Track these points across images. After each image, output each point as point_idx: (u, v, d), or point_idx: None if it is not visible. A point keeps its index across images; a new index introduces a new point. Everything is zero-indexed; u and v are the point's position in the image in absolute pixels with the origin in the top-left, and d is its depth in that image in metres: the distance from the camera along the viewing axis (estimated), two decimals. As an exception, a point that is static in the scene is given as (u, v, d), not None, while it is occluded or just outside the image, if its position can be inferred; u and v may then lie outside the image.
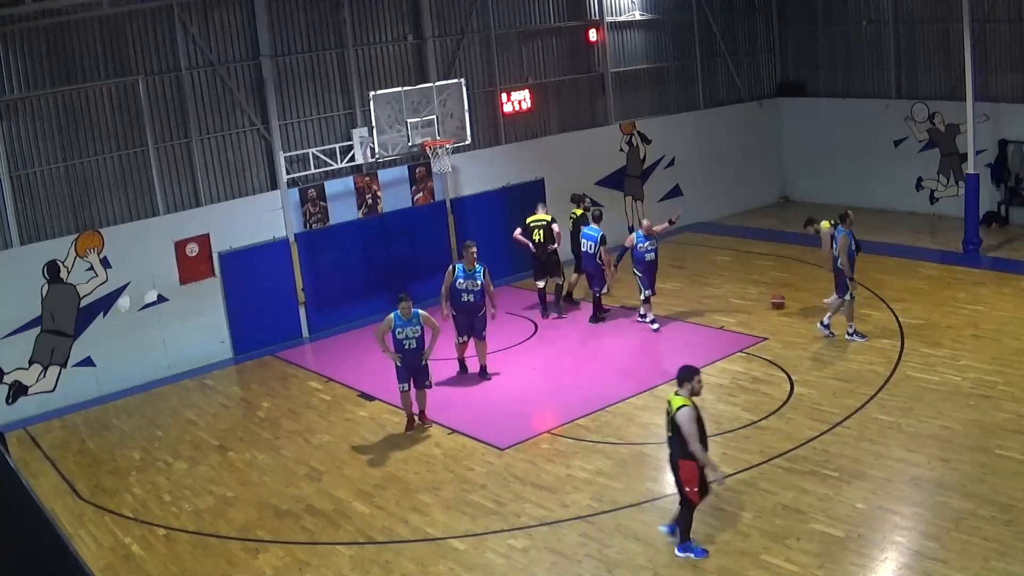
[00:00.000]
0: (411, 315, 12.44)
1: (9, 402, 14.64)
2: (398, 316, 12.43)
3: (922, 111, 21.51)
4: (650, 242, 15.71)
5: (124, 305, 15.58)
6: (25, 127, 14.72)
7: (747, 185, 23.76)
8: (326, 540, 10.26)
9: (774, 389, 12.97)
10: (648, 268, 15.70)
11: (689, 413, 8.77)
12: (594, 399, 13.25)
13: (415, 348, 12.54)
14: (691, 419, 8.78)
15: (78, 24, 14.91)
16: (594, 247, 16.15)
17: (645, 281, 15.74)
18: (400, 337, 12.47)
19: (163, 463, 12.71)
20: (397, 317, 12.44)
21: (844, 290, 14.24)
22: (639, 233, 15.79)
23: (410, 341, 12.50)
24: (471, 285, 14.01)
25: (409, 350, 12.52)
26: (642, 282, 15.77)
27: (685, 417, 8.77)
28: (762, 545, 9.18)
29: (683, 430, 8.77)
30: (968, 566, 8.45)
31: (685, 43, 22.78)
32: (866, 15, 22.39)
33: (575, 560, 9.35)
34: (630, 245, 15.82)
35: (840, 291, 14.39)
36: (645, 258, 15.67)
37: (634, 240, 15.76)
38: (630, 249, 15.82)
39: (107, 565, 10.08)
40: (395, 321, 12.45)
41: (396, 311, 12.48)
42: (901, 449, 10.83)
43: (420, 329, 12.55)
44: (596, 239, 16.12)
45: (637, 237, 15.74)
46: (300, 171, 17.17)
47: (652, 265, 15.76)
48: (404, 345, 12.49)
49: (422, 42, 18.49)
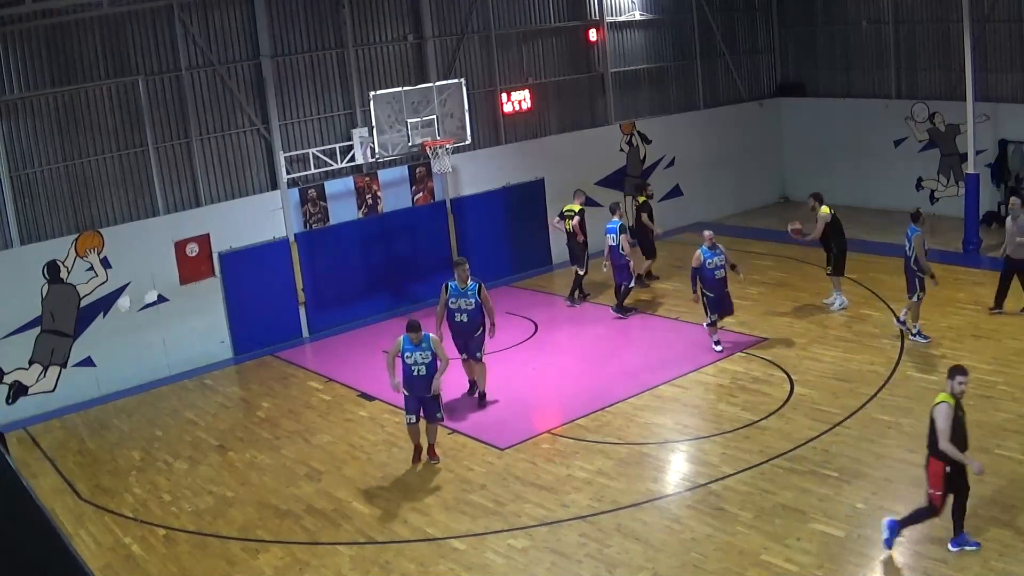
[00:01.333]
0: (421, 340, 11.50)
1: (9, 402, 14.64)
2: (407, 340, 11.53)
3: (922, 111, 21.51)
4: (718, 256, 14.25)
5: (124, 305, 15.58)
6: (25, 127, 14.72)
7: (747, 185, 23.77)
8: (326, 540, 10.26)
9: (774, 389, 12.97)
10: (718, 287, 14.30)
11: (945, 410, 8.52)
12: (594, 399, 13.25)
13: (424, 375, 11.49)
14: (946, 416, 8.50)
15: (78, 24, 14.91)
16: (615, 239, 16.20)
17: (714, 303, 14.27)
18: (409, 362, 11.54)
19: (163, 463, 12.70)
20: (406, 341, 11.53)
21: (914, 290, 13.95)
22: (704, 248, 14.27)
23: (419, 367, 11.50)
24: (465, 304, 13.13)
25: (418, 377, 11.52)
26: (710, 304, 14.32)
27: (940, 413, 8.54)
28: (762, 545, 9.18)
29: (936, 425, 8.54)
30: (968, 566, 8.44)
31: (685, 43, 22.79)
32: (866, 15, 22.40)
33: (575, 560, 9.34)
34: (698, 264, 14.24)
35: (911, 291, 14.06)
36: (715, 276, 14.20)
37: (701, 257, 14.20)
38: (699, 269, 14.28)
39: (107, 565, 10.08)
40: (403, 345, 11.54)
41: (405, 335, 11.59)
42: (901, 449, 10.83)
43: (431, 355, 11.52)
44: (616, 231, 16.22)
45: (703, 253, 14.21)
46: (300, 171, 17.17)
47: (723, 283, 14.34)
48: (413, 371, 11.53)
49: (422, 42, 18.50)
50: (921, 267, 13.87)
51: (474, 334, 13.17)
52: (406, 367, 11.59)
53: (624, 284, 16.53)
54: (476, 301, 13.09)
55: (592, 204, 18.70)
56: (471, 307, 13.10)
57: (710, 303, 14.32)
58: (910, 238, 14.03)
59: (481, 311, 13.14)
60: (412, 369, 11.54)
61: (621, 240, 16.21)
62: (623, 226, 16.39)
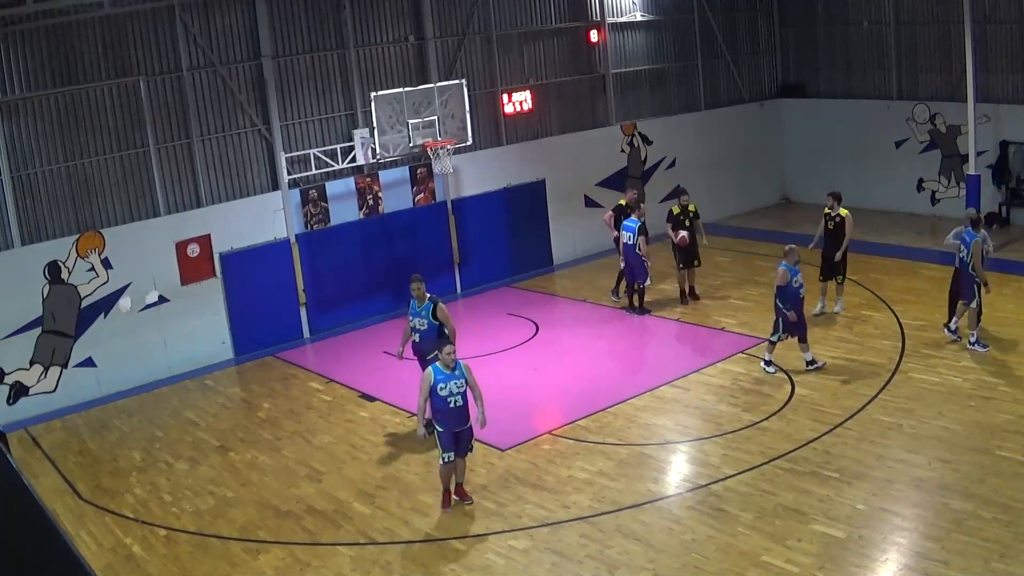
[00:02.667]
0: (453, 366, 10.22)
1: (10, 402, 14.64)
2: (437, 369, 10.21)
3: (923, 112, 21.51)
4: (800, 274, 13.29)
5: (125, 306, 15.59)
6: (26, 127, 14.72)
7: (748, 186, 23.77)
8: (327, 541, 10.26)
9: (775, 390, 12.97)
10: (799, 306, 13.29)
11: None
12: (595, 400, 13.24)
13: (461, 406, 10.28)
14: None
15: (79, 24, 14.92)
16: (633, 238, 16.19)
17: (789, 323, 13.18)
18: (443, 395, 10.15)
19: (164, 463, 12.71)
20: (436, 371, 10.21)
21: (972, 296, 13.50)
22: (787, 265, 13.16)
23: (455, 398, 10.20)
24: (419, 324, 12.03)
25: (455, 409, 10.23)
26: (785, 323, 13.22)
27: None
28: (763, 546, 9.17)
29: None
30: (969, 567, 8.44)
31: (686, 44, 22.79)
32: (867, 16, 22.40)
33: (576, 561, 9.34)
34: (783, 282, 13.14)
35: (967, 297, 13.60)
36: (800, 294, 13.22)
37: (787, 276, 13.12)
38: (784, 287, 13.18)
39: (107, 565, 10.07)
40: (435, 376, 10.18)
41: (434, 364, 10.33)
42: (902, 450, 10.83)
43: (464, 383, 10.26)
44: (634, 230, 16.21)
45: (789, 271, 13.12)
46: (301, 172, 17.18)
47: (802, 303, 13.40)
48: (449, 404, 10.18)
49: (423, 43, 18.50)
50: (978, 273, 13.36)
51: (427, 356, 11.63)
52: (439, 400, 10.20)
53: (639, 283, 16.52)
54: (430, 321, 12.03)
55: (593, 204, 18.69)
56: (423, 327, 12.07)
57: (786, 322, 13.21)
58: (968, 243, 13.46)
59: (436, 332, 11.95)
60: (448, 401, 10.20)
61: (639, 240, 16.18)
62: (642, 226, 16.35)
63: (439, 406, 10.25)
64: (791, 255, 13.26)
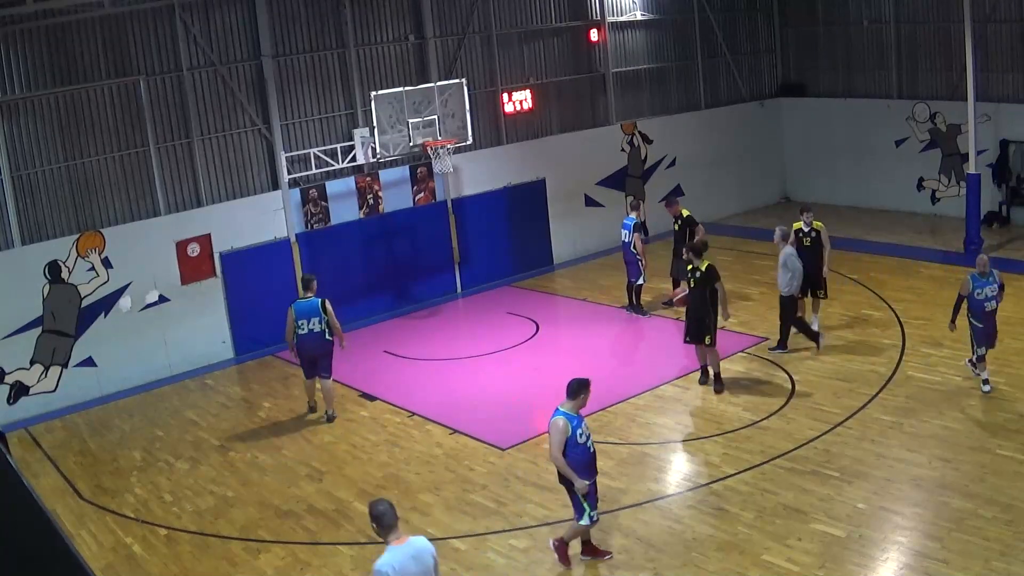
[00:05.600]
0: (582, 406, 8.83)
1: (10, 402, 14.64)
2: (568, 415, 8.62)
3: (923, 111, 21.51)
4: (990, 286, 12.01)
5: (125, 305, 15.59)
6: (26, 127, 14.73)
7: (748, 185, 23.76)
8: (327, 540, 10.26)
9: (775, 389, 12.97)
10: (988, 319, 12.11)
11: None
12: (595, 399, 13.01)
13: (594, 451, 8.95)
14: None
15: (79, 24, 14.92)
16: (628, 235, 16.20)
17: (981, 335, 12.11)
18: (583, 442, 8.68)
19: (164, 463, 12.71)
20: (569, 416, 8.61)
21: None
22: (974, 275, 12.13)
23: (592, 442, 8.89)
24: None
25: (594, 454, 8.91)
26: (977, 336, 12.16)
27: None
28: (763, 545, 9.17)
29: None
30: (969, 566, 8.44)
31: (686, 43, 22.78)
32: (867, 15, 22.40)
33: (576, 560, 9.34)
34: (966, 292, 12.13)
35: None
36: (985, 308, 12.03)
37: (970, 285, 12.07)
38: (966, 298, 12.17)
39: (108, 565, 10.08)
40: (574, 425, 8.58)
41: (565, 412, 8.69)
42: (902, 449, 10.83)
43: None
44: (630, 228, 16.22)
45: (974, 282, 12.08)
46: (301, 171, 17.18)
47: (992, 316, 12.14)
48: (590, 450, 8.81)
49: (423, 42, 18.49)
50: None
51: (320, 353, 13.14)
52: (581, 449, 8.65)
53: (633, 281, 16.52)
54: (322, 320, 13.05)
55: (593, 204, 18.68)
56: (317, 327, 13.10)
57: (977, 335, 12.15)
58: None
59: None
60: (590, 448, 8.76)
61: (634, 238, 16.19)
62: (638, 224, 16.34)
63: (580, 459, 8.63)
64: (979, 266, 12.17)
